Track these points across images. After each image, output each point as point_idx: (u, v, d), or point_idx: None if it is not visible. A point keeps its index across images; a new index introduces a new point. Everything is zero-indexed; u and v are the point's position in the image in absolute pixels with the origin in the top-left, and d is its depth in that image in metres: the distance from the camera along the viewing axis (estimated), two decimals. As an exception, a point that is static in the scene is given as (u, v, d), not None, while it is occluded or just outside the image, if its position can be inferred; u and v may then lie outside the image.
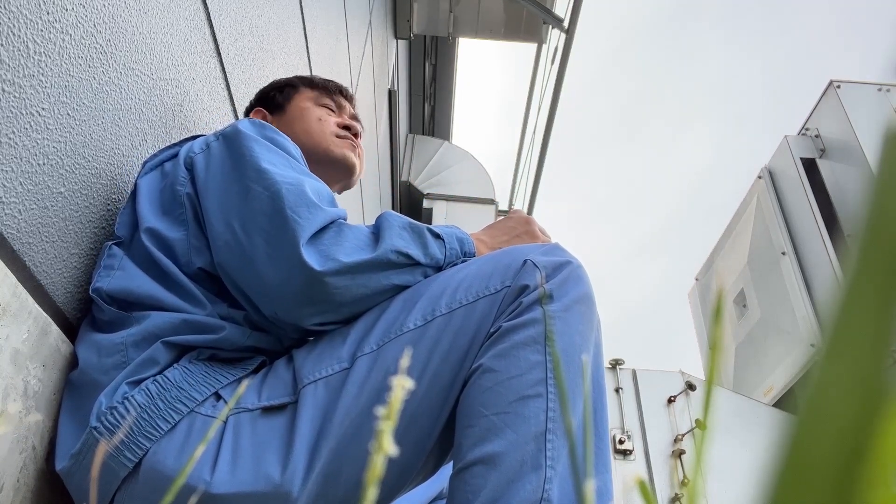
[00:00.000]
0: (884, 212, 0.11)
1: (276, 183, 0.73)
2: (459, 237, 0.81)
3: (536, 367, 0.64)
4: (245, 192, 0.74)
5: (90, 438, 0.65)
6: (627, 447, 2.48)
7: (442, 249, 0.78)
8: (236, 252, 0.73)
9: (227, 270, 0.74)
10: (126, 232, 0.79)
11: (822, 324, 0.11)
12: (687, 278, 4.29)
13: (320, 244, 0.71)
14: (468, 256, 0.80)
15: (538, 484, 0.59)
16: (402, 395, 0.17)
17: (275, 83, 1.11)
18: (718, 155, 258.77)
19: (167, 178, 0.82)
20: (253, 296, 0.74)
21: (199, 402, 0.67)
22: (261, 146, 0.78)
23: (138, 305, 0.74)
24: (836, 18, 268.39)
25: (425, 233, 0.77)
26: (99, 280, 0.75)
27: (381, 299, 0.74)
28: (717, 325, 0.16)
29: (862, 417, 0.10)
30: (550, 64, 4.40)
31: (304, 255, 0.68)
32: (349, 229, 0.73)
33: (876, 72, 3.14)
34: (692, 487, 0.16)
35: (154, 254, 0.77)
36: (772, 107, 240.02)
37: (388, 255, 0.72)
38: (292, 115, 1.04)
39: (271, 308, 0.73)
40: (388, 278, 0.73)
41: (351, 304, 0.72)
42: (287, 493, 0.62)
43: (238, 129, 0.80)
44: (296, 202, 0.72)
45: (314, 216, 0.72)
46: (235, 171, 0.77)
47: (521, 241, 0.87)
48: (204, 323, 0.73)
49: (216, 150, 0.80)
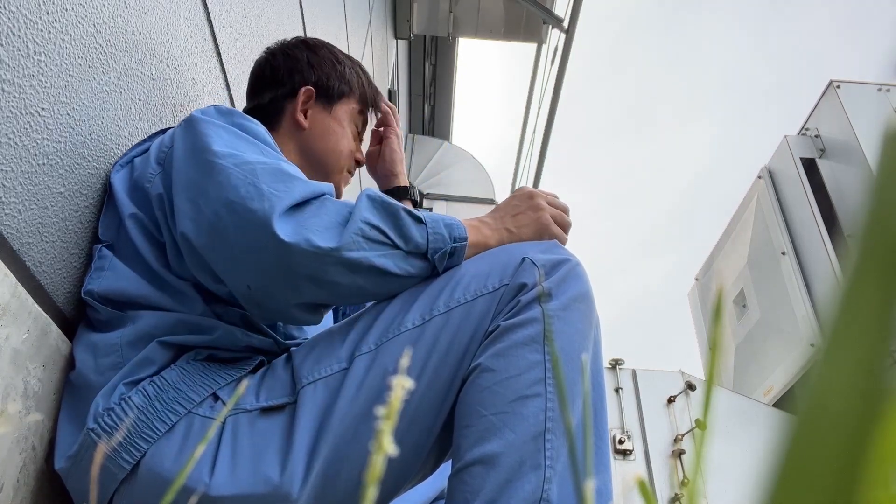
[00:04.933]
0: (884, 212, 0.11)
1: (248, 162, 0.69)
2: (448, 223, 0.74)
3: (535, 367, 0.64)
4: (210, 169, 0.70)
5: (87, 440, 0.65)
6: (627, 447, 2.48)
7: (423, 234, 0.71)
8: (204, 227, 0.68)
9: (193, 245, 0.69)
10: (111, 233, 0.77)
11: (821, 324, 0.11)
12: (687, 278, 4.29)
13: (299, 216, 0.67)
14: (459, 242, 0.73)
15: (537, 484, 0.59)
16: (401, 395, 0.17)
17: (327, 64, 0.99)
18: (718, 155, 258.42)
19: (135, 172, 0.79)
20: (222, 272, 0.69)
21: (196, 404, 0.67)
22: (225, 131, 0.75)
23: (131, 305, 0.73)
24: (835, 18, 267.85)
25: (401, 213, 0.71)
26: (90, 282, 0.74)
27: (367, 280, 0.69)
28: (717, 325, 0.16)
29: (862, 417, 0.10)
30: (550, 64, 4.40)
31: (274, 226, 0.64)
32: (332, 204, 0.69)
33: (876, 72, 3.14)
34: (692, 487, 0.16)
35: (140, 248, 0.75)
36: (772, 107, 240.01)
37: (357, 232, 0.67)
38: (332, 125, 0.97)
39: (243, 285, 0.68)
40: (368, 258, 0.67)
41: (331, 284, 0.67)
42: (286, 494, 0.62)
43: (193, 115, 0.77)
44: (272, 177, 0.68)
45: (293, 188, 0.68)
46: (195, 155, 0.72)
47: (527, 218, 0.81)
48: (198, 323, 0.72)
49: (179, 136, 0.77)
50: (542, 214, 0.81)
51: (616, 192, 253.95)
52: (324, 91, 0.97)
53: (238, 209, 0.66)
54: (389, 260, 0.69)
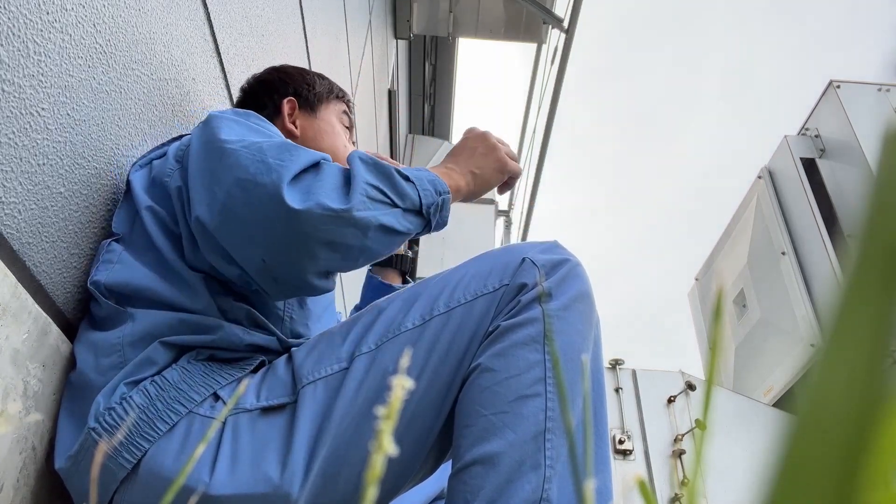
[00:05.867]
0: (883, 212, 0.11)
1: (255, 142, 0.71)
2: (430, 178, 0.76)
3: (535, 367, 0.64)
4: (221, 155, 0.71)
5: (88, 439, 0.65)
6: (627, 447, 2.48)
7: (415, 191, 0.73)
8: (217, 208, 0.69)
9: (207, 228, 0.69)
10: (125, 226, 0.79)
11: (821, 324, 0.11)
12: (687, 278, 4.29)
13: (303, 183, 0.68)
14: (444, 195, 0.76)
15: (537, 484, 0.59)
16: (402, 395, 0.17)
17: (296, 76, 1.06)
18: (718, 155, 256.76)
19: (154, 171, 0.82)
20: (237, 250, 0.69)
21: (197, 403, 0.67)
22: (236, 123, 0.76)
23: (135, 299, 0.73)
24: (836, 18, 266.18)
25: (393, 172, 0.72)
26: (97, 273, 0.74)
27: (374, 239, 0.70)
28: (717, 325, 0.16)
29: (862, 417, 0.10)
30: (550, 64, 4.40)
31: (284, 195, 0.65)
32: (329, 167, 0.70)
33: (876, 72, 3.14)
34: (692, 487, 0.16)
35: (155, 238, 0.76)
36: (772, 107, 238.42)
37: (363, 193, 0.68)
38: (322, 126, 1.03)
39: (258, 259, 0.69)
40: (376, 217, 0.68)
41: (344, 247, 0.68)
42: (286, 493, 0.62)
43: (210, 113, 0.79)
44: (277, 152, 0.69)
45: (297, 157, 0.69)
46: (208, 145, 0.74)
47: (487, 158, 0.85)
48: (201, 322, 0.73)
49: (195, 134, 0.78)
50: (499, 153, 0.86)
51: (616, 192, 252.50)
52: (304, 99, 1.04)
53: (249, 186, 0.67)
54: (392, 218, 0.71)
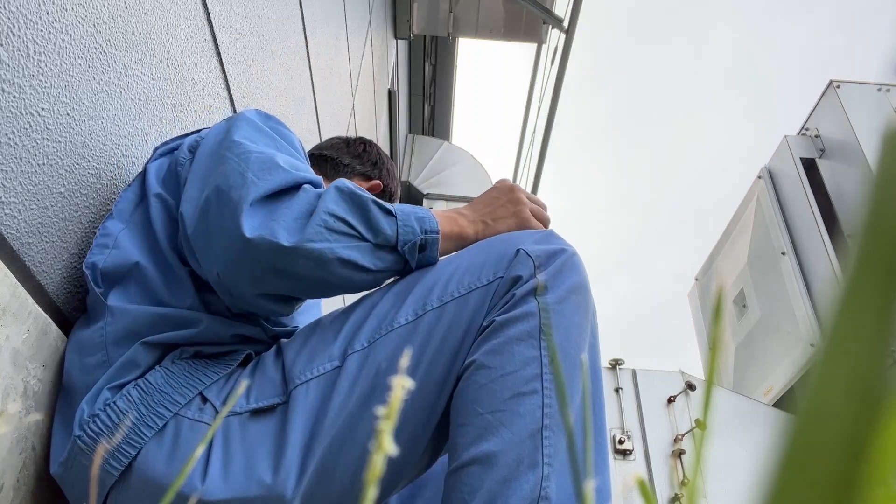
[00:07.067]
0: (883, 212, 0.11)
1: (249, 152, 0.70)
2: (420, 216, 0.72)
3: (531, 363, 0.63)
4: (220, 159, 0.71)
5: (75, 447, 0.64)
6: (627, 447, 2.47)
7: (392, 226, 0.70)
8: (196, 210, 0.69)
9: (186, 226, 0.70)
10: (127, 206, 0.78)
11: (821, 324, 0.11)
12: (687, 278, 4.29)
13: (271, 206, 0.66)
14: (430, 234, 0.72)
15: (536, 482, 0.58)
16: (400, 395, 0.17)
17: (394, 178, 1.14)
18: (718, 155, 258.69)
19: (171, 159, 0.82)
20: (200, 257, 0.70)
21: (182, 406, 0.66)
22: (253, 127, 0.76)
23: (124, 280, 0.72)
24: (836, 18, 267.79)
25: (369, 204, 0.69)
26: (92, 256, 0.73)
27: (335, 273, 0.67)
28: (717, 325, 0.16)
29: (862, 417, 0.10)
30: (550, 64, 4.40)
31: (242, 216, 0.64)
32: (305, 194, 0.68)
33: (876, 72, 3.14)
34: (692, 487, 0.16)
35: (155, 225, 0.75)
36: (772, 107, 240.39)
37: (321, 224, 0.66)
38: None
39: (213, 271, 0.68)
40: (333, 250, 0.66)
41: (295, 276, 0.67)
42: (280, 495, 0.62)
43: (240, 112, 0.80)
44: (260, 167, 0.68)
45: (273, 177, 0.67)
46: (217, 145, 0.75)
47: (506, 210, 0.80)
48: (182, 317, 0.71)
49: (216, 126, 0.80)
50: (522, 208, 0.81)
51: (616, 191, 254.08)
52: (383, 192, 1.10)
53: (223, 196, 0.67)
54: (357, 252, 0.68)
